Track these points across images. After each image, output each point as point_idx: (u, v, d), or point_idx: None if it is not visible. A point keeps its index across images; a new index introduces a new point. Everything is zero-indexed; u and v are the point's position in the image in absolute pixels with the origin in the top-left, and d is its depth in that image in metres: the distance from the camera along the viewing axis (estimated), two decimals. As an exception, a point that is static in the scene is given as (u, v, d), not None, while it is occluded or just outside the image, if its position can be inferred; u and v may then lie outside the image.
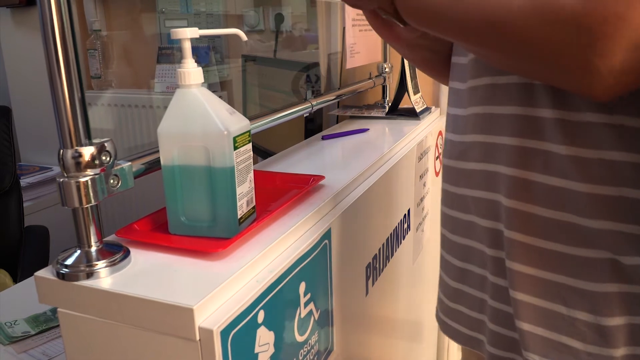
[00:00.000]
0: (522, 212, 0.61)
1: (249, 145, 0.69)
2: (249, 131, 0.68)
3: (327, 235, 0.77)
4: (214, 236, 0.66)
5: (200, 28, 0.66)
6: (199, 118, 0.64)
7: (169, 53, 1.85)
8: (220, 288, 0.55)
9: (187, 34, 0.64)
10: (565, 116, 0.57)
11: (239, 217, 0.66)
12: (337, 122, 1.57)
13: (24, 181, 1.87)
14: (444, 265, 0.78)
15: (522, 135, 0.60)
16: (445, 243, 0.77)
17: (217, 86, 1.81)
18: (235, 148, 0.64)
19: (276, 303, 0.63)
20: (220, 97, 1.85)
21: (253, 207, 0.71)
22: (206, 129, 0.63)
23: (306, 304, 0.71)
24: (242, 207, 0.67)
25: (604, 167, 0.55)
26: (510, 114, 0.61)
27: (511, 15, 0.48)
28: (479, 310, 0.72)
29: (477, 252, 0.70)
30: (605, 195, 0.56)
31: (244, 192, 0.67)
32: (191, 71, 0.64)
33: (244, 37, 0.70)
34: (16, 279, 1.39)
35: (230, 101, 1.88)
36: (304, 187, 0.84)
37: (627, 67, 0.42)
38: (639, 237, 0.56)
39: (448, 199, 0.74)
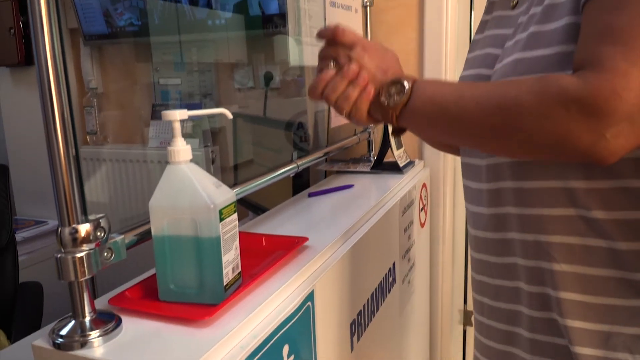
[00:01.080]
0: (572, 273, 0.68)
1: (235, 215, 0.73)
2: (234, 202, 0.73)
3: (309, 297, 0.81)
4: (201, 302, 0.70)
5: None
6: (188, 192, 0.69)
7: (164, 109, 1.92)
8: (206, 355, 0.59)
9: (177, 116, 0.70)
10: (597, 185, 0.65)
11: (224, 284, 0.70)
12: (325, 177, 1.62)
13: (19, 235, 1.91)
14: (485, 330, 0.81)
15: (561, 206, 0.68)
16: (485, 309, 0.81)
17: (208, 139, 1.87)
18: (221, 219, 0.69)
19: (260, 367, 0.66)
20: (212, 151, 1.91)
21: (239, 273, 0.75)
22: (194, 203, 0.68)
23: (290, 365, 0.75)
24: (228, 274, 0.71)
25: None
26: (543, 187, 0.69)
27: (524, 101, 0.58)
28: None
29: (525, 316, 0.74)
30: None
31: (230, 259, 0.72)
32: (180, 149, 0.70)
33: (230, 115, 0.76)
34: (10, 337, 1.41)
35: (222, 154, 1.93)
36: (288, 249, 0.88)
37: (626, 133, 0.54)
38: None
39: (487, 268, 0.79)
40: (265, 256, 0.87)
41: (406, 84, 0.70)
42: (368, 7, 1.67)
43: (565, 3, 0.64)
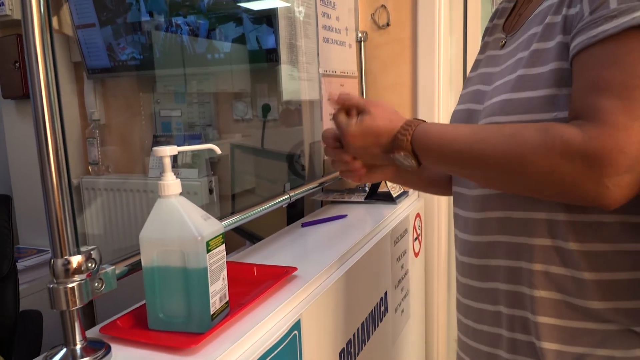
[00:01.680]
0: (548, 299, 0.72)
1: (222, 247, 0.76)
2: (222, 234, 0.76)
3: (296, 326, 0.83)
4: (189, 331, 0.72)
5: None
6: (176, 225, 0.72)
7: (163, 141, 1.97)
8: (189, 383, 0.61)
9: (167, 152, 0.73)
10: (574, 218, 0.69)
11: (211, 313, 0.73)
12: (321, 206, 1.65)
13: (21, 264, 1.93)
14: (472, 353, 0.86)
15: (542, 236, 0.72)
16: (470, 332, 0.85)
17: (207, 169, 1.91)
18: (209, 251, 0.72)
19: (243, 395, 0.69)
20: (210, 181, 1.93)
21: (226, 303, 0.78)
22: (182, 235, 0.71)
23: (275, 393, 0.77)
24: (215, 303, 0.74)
25: (617, 256, 0.68)
26: (529, 218, 0.73)
27: (529, 157, 0.62)
28: None
29: (505, 339, 0.78)
30: (616, 279, 0.68)
31: (217, 289, 0.75)
32: (170, 183, 0.73)
33: (218, 150, 0.79)
34: (9, 364, 1.43)
35: (221, 184, 1.97)
36: (277, 279, 0.91)
37: (627, 182, 0.58)
38: None
39: (471, 292, 0.84)
40: (254, 286, 0.90)
41: (408, 152, 0.76)
42: (362, 43, 1.72)
43: (551, 49, 0.68)
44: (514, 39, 0.79)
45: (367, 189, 1.65)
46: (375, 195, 1.58)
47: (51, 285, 0.64)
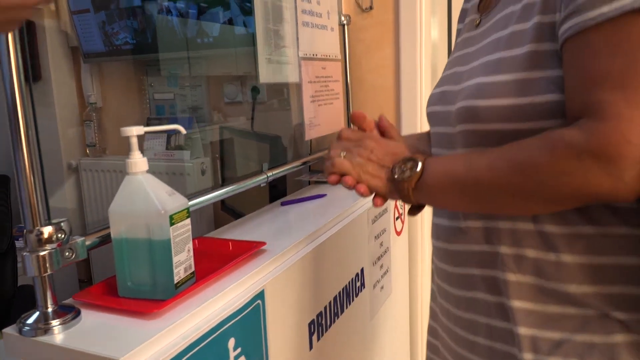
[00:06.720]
0: (526, 284, 0.70)
1: (187, 221, 0.82)
2: (187, 209, 0.82)
3: (259, 295, 0.89)
4: (154, 298, 0.78)
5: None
6: (142, 199, 0.77)
7: (157, 123, 2.03)
8: (146, 343, 0.68)
9: (134, 132, 0.79)
10: None
11: (175, 282, 0.79)
12: (309, 185, 1.71)
13: (21, 243, 2.02)
14: (454, 336, 0.84)
15: (523, 220, 0.71)
16: (452, 316, 0.83)
17: (199, 152, 1.97)
18: (172, 224, 0.78)
19: (202, 357, 0.75)
20: (202, 163, 1.99)
21: (192, 273, 0.84)
22: (147, 209, 0.77)
23: (236, 358, 0.83)
24: (179, 273, 0.80)
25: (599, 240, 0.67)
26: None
27: (537, 172, 0.61)
28: None
29: (483, 325, 0.77)
30: (599, 264, 0.67)
31: (181, 260, 0.80)
32: (137, 161, 0.79)
33: (183, 131, 0.85)
34: (6, 335, 1.51)
35: (214, 165, 2.03)
36: (246, 252, 0.97)
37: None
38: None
39: (446, 277, 0.82)
40: (225, 259, 0.96)
41: (418, 160, 0.74)
42: (346, 26, 1.76)
43: (528, 30, 0.66)
44: (489, 18, 0.77)
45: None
46: (358, 176, 1.63)
47: (24, 253, 0.70)
